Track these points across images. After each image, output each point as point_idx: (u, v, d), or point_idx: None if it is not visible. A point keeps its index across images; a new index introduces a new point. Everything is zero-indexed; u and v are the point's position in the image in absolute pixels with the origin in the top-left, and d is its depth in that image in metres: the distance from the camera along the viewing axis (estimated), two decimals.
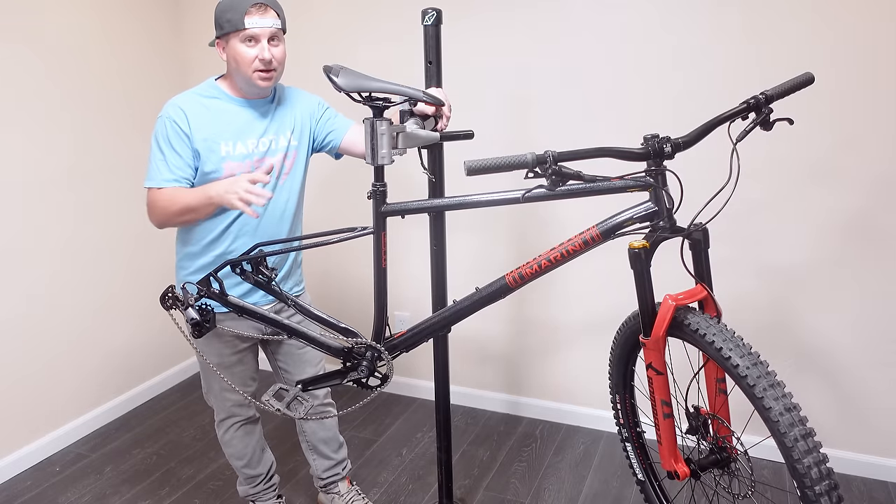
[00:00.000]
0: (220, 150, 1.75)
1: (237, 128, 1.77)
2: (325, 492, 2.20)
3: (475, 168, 1.37)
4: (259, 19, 1.67)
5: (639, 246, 1.48)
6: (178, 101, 1.76)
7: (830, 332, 2.28)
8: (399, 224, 2.84)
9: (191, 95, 1.77)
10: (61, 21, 2.55)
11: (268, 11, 1.69)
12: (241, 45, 1.69)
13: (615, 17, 2.33)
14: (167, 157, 1.73)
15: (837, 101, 2.13)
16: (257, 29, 1.67)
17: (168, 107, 1.75)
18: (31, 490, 2.41)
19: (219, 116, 1.76)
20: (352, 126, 1.93)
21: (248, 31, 1.67)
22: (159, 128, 1.74)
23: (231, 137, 1.76)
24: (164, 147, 1.73)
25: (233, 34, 1.69)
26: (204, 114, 1.75)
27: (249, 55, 1.69)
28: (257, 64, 1.70)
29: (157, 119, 1.76)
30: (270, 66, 1.71)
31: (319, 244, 1.72)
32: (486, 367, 2.86)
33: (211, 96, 1.78)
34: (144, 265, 2.99)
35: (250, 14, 1.67)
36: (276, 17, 1.71)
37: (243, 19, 1.66)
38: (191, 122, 1.72)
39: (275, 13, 1.70)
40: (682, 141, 1.46)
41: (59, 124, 2.57)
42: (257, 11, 1.67)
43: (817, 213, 2.22)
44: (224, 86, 1.80)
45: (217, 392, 1.99)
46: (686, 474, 1.58)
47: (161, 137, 1.73)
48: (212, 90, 1.79)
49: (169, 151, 1.73)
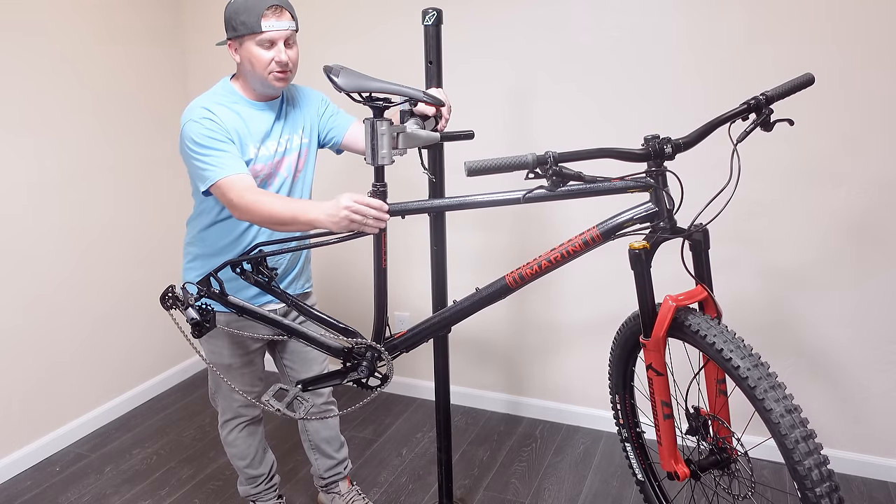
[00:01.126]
0: (249, 152, 1.74)
1: (262, 130, 1.76)
2: (326, 491, 2.20)
3: (476, 169, 1.37)
4: (276, 22, 1.64)
5: (639, 247, 1.48)
6: (201, 103, 1.70)
7: (830, 332, 2.28)
8: (399, 224, 2.84)
9: (211, 99, 1.73)
10: (61, 21, 2.55)
11: (283, 14, 1.66)
12: (256, 48, 1.66)
13: (615, 18, 2.33)
14: (221, 147, 1.65)
15: (838, 102, 2.13)
16: (274, 32, 1.64)
17: (194, 110, 1.69)
18: (31, 490, 2.41)
19: (244, 120, 1.74)
20: (353, 122, 1.94)
21: (265, 34, 1.64)
22: (194, 130, 1.66)
23: (258, 140, 1.75)
24: (211, 143, 1.65)
25: (248, 37, 1.65)
26: (230, 116, 1.71)
27: (266, 58, 1.66)
28: (273, 66, 1.67)
29: (186, 125, 1.67)
30: (287, 68, 1.69)
31: (320, 244, 1.72)
32: (486, 367, 2.86)
33: (232, 101, 1.74)
34: (145, 265, 2.99)
35: (266, 17, 1.63)
36: (290, 18, 1.67)
37: (260, 22, 1.63)
38: (222, 120, 1.69)
39: (290, 15, 1.67)
40: (683, 142, 1.46)
41: (59, 127, 2.57)
42: (273, 14, 1.64)
43: (818, 214, 2.22)
44: (238, 87, 1.77)
45: (225, 393, 1.99)
46: (686, 475, 1.58)
47: (200, 137, 1.65)
48: (231, 95, 1.76)
49: (218, 143, 1.65)
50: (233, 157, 1.67)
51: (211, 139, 1.66)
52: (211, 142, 1.66)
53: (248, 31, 1.64)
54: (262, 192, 1.63)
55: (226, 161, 1.65)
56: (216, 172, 1.64)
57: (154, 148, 2.97)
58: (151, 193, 2.98)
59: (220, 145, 1.66)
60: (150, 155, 2.96)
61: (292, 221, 1.58)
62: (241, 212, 1.62)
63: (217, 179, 1.64)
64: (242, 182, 1.63)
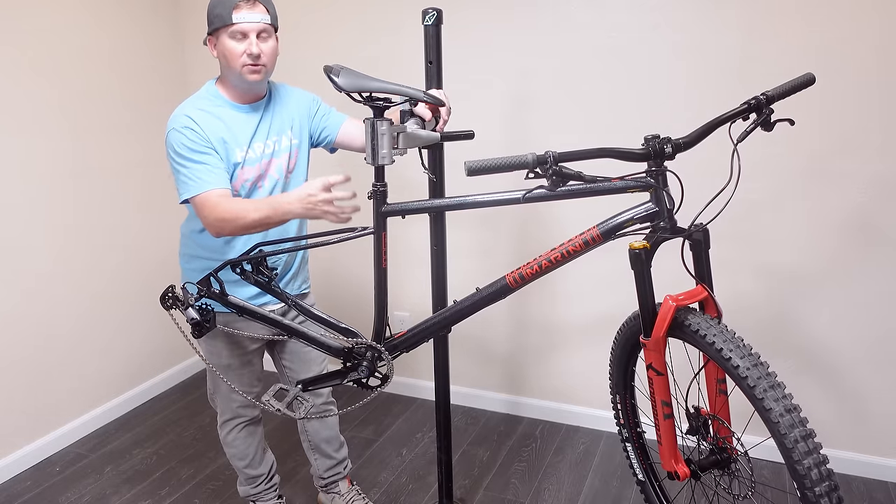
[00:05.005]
0: (236, 156, 1.74)
1: (247, 133, 1.76)
2: (326, 491, 2.20)
3: (476, 168, 1.37)
4: (247, 14, 1.65)
5: (639, 246, 1.48)
6: (185, 110, 1.71)
7: (830, 332, 2.28)
8: (399, 224, 2.84)
9: (194, 105, 1.73)
10: (60, 22, 2.55)
11: (256, 6, 1.66)
12: (229, 40, 1.67)
13: (616, 17, 2.33)
14: (201, 160, 1.67)
15: (838, 102, 2.13)
16: (245, 24, 1.65)
17: (177, 118, 1.69)
18: (31, 490, 2.41)
19: (228, 123, 1.73)
20: (346, 120, 1.94)
21: (236, 25, 1.65)
22: (176, 140, 1.67)
23: (244, 143, 1.75)
24: (190, 154, 1.67)
25: (222, 29, 1.67)
26: (213, 122, 1.71)
27: (238, 50, 1.67)
28: (245, 59, 1.67)
29: (169, 133, 1.69)
30: (259, 60, 1.68)
31: (320, 244, 1.72)
32: (487, 367, 2.86)
33: (216, 105, 1.75)
34: (145, 265, 2.99)
35: (238, 9, 1.64)
36: (265, 12, 1.68)
37: (231, 14, 1.64)
38: (203, 128, 1.69)
39: (264, 8, 1.68)
40: (683, 141, 1.46)
41: (58, 125, 2.57)
42: (245, 6, 1.65)
43: (818, 214, 2.22)
44: (222, 90, 1.77)
45: (224, 393, 1.98)
46: (686, 475, 1.59)
47: (182, 147, 1.67)
48: (214, 98, 1.76)
49: (198, 155, 1.67)
50: (211, 170, 1.67)
51: (191, 150, 1.67)
52: (191, 153, 1.67)
53: (221, 23, 1.66)
54: (231, 202, 1.63)
55: (203, 175, 1.66)
56: (192, 187, 1.66)
57: (154, 148, 2.97)
58: (152, 194, 2.98)
59: (199, 157, 1.67)
60: (151, 155, 2.96)
61: (267, 220, 1.60)
62: (214, 229, 1.65)
63: (192, 195, 1.66)
64: (217, 197, 1.64)
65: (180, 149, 1.67)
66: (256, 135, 1.78)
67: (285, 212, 1.59)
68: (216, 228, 1.64)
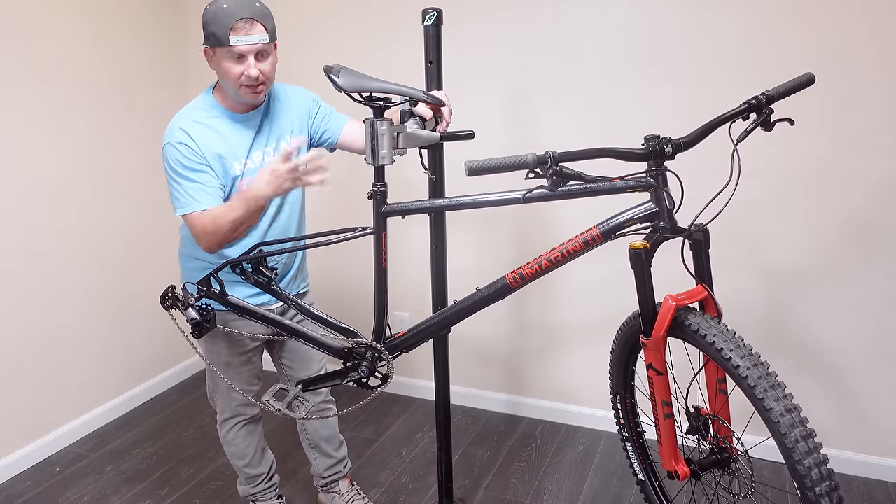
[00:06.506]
0: (235, 169, 1.73)
1: (245, 144, 1.75)
2: (326, 491, 2.20)
3: (476, 168, 1.37)
4: (245, 37, 1.59)
5: (639, 246, 1.48)
6: (180, 123, 1.69)
7: (830, 332, 2.28)
8: (399, 224, 2.84)
9: (190, 116, 1.71)
10: (60, 24, 2.55)
11: (254, 26, 1.60)
12: (226, 61, 1.63)
13: (616, 17, 2.33)
14: (194, 178, 1.66)
15: (838, 102, 2.13)
16: (243, 47, 1.60)
17: (173, 131, 1.68)
18: (31, 490, 2.41)
19: (225, 135, 1.72)
20: (348, 122, 1.93)
21: (233, 48, 1.60)
22: (171, 154, 1.67)
23: (242, 155, 1.74)
24: (184, 171, 1.66)
25: (218, 48, 1.63)
26: (209, 134, 1.70)
27: (235, 71, 1.63)
28: (244, 80, 1.64)
29: (165, 146, 1.68)
30: (257, 82, 1.65)
31: (320, 244, 1.72)
32: (487, 367, 2.86)
33: (212, 115, 1.73)
34: (144, 265, 2.99)
35: (236, 31, 1.58)
36: (263, 31, 1.61)
37: (228, 36, 1.59)
38: (198, 143, 1.68)
39: (262, 27, 1.61)
40: (683, 141, 1.46)
41: (62, 128, 2.57)
42: (243, 28, 1.59)
43: (818, 214, 2.22)
44: (219, 98, 1.75)
45: (224, 392, 1.98)
46: (686, 474, 1.59)
47: (176, 163, 1.66)
48: (211, 109, 1.73)
49: (192, 173, 1.66)
50: (203, 188, 1.67)
51: (185, 167, 1.66)
52: (185, 170, 1.67)
53: (218, 43, 1.61)
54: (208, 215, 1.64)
55: (195, 194, 1.66)
56: (184, 204, 1.67)
57: (154, 148, 2.97)
58: (153, 194, 2.98)
59: (193, 175, 1.67)
60: (151, 155, 2.96)
61: (244, 215, 1.61)
62: (205, 244, 1.67)
63: (185, 213, 1.68)
64: (208, 217, 1.65)
65: (175, 164, 1.67)
66: (255, 144, 1.77)
67: (257, 198, 1.59)
68: (206, 243, 1.67)
